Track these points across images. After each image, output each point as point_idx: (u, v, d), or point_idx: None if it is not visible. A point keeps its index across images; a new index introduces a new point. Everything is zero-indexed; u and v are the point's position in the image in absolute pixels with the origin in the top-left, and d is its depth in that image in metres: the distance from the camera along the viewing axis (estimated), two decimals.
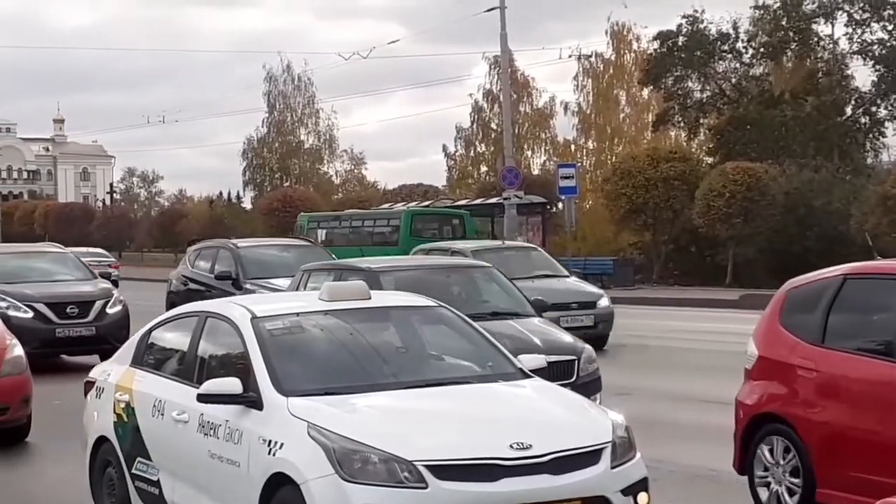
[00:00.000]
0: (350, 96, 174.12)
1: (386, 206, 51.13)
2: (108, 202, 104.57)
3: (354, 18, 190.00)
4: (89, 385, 9.12)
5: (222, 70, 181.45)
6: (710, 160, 50.80)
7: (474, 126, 74.11)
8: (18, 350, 12.60)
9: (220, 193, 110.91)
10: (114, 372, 8.89)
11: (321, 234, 42.52)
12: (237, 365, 7.56)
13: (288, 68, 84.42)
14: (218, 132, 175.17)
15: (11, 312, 18.17)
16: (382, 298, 8.70)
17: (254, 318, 7.74)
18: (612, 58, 67.00)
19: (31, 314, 18.56)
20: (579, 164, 57.45)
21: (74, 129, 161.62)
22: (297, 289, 14.75)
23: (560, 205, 45.91)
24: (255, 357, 7.41)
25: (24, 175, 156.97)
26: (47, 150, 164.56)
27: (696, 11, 51.23)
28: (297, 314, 7.99)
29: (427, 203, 49.01)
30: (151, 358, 8.64)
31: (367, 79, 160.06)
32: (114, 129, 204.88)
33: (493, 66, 69.16)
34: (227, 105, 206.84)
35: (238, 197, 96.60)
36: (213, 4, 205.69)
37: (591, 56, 66.08)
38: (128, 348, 8.99)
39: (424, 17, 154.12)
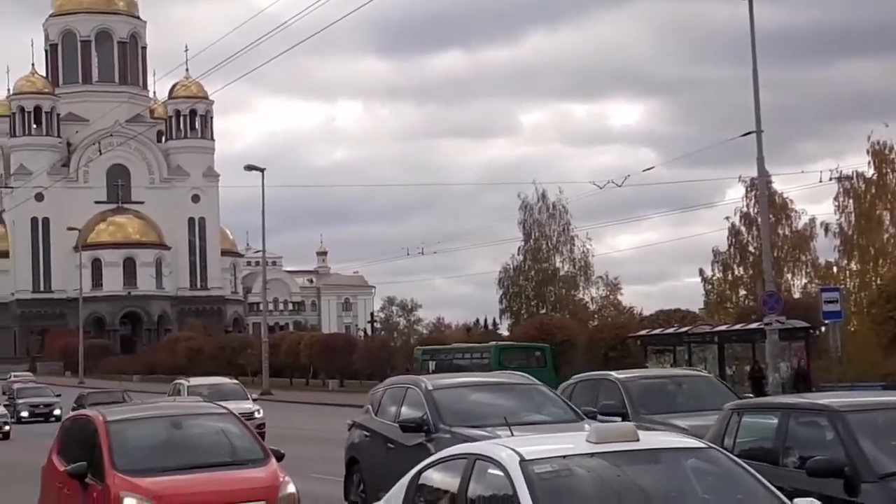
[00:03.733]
0: (604, 223, 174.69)
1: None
2: (369, 332, 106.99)
3: (604, 144, 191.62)
4: None
5: (477, 199, 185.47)
6: None
7: (731, 249, 72.99)
8: (291, 488, 12.82)
9: (477, 321, 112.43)
10: None
11: (432, 366, 49.93)
12: None
13: (543, 196, 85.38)
14: (473, 260, 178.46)
15: None
16: (652, 440, 8.60)
17: (522, 460, 7.77)
18: (874, 177, 65.29)
19: None
20: (842, 286, 55.85)
21: (336, 260, 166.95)
22: (723, 433, 11.57)
23: (823, 328, 44.66)
24: (525, 501, 7.43)
25: (290, 307, 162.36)
26: (311, 281, 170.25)
27: None
28: (565, 457, 7.96)
29: (684, 329, 48.43)
30: (422, 500, 8.76)
31: (621, 205, 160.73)
32: (374, 261, 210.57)
33: (749, 189, 68.33)
34: (481, 234, 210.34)
35: (494, 324, 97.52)
36: (466, 136, 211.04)
37: (851, 177, 64.63)
38: (398, 491, 9.12)
39: (676, 142, 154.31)
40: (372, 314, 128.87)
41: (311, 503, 16.00)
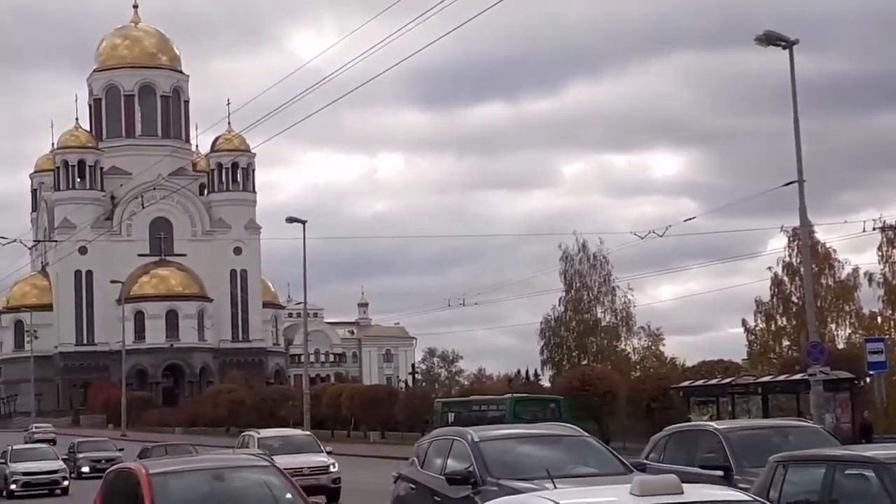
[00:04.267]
0: (645, 273, 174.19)
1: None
2: (410, 383, 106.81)
3: (645, 194, 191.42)
4: None
5: (518, 250, 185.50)
6: None
7: (774, 300, 72.58)
8: None
9: (518, 372, 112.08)
10: None
11: (451, 417, 51.13)
12: None
13: (583, 247, 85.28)
14: (514, 311, 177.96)
15: None
16: (696, 492, 8.49)
17: None
18: None
19: None
20: (887, 336, 55.39)
21: (377, 312, 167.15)
22: (769, 486, 11.53)
23: (868, 379, 44.25)
24: None
25: (331, 358, 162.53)
26: (352, 333, 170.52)
27: None
28: None
29: (728, 380, 48.11)
30: None
31: (662, 255, 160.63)
32: (415, 312, 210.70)
33: (792, 239, 68.01)
34: (522, 285, 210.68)
35: (536, 375, 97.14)
36: (506, 187, 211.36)
37: (894, 226, 64.26)
38: None
39: (717, 192, 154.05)
40: (413, 365, 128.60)
41: None
